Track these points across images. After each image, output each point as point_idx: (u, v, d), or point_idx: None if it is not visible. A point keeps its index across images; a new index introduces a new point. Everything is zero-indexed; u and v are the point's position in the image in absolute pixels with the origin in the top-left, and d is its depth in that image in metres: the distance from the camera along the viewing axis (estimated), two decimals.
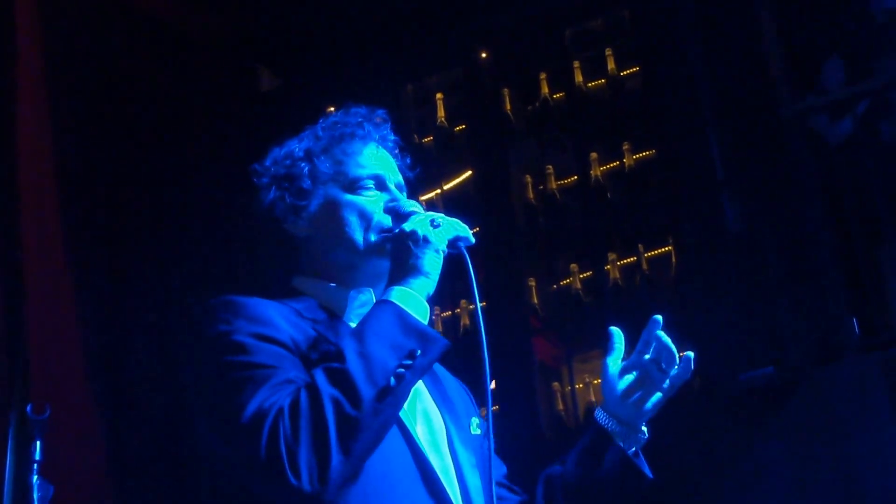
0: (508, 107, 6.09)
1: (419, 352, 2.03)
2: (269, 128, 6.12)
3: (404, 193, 2.39)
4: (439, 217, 2.25)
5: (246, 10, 6.15)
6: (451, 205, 5.98)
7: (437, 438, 2.23)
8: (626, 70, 5.96)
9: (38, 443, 3.24)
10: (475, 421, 2.36)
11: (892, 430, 4.80)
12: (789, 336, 5.04)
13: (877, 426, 4.85)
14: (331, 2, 6.09)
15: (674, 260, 5.63)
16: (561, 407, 5.71)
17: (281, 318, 2.13)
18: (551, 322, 5.88)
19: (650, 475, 2.35)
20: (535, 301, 5.86)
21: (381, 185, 2.36)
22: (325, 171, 2.36)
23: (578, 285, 5.80)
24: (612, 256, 5.74)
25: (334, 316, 2.26)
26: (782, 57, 5.67)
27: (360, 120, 2.42)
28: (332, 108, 7.12)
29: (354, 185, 2.34)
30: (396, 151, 2.45)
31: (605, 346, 2.35)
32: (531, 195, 6.00)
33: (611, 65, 5.94)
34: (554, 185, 5.97)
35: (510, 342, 5.53)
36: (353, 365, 1.97)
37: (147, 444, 5.19)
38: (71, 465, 4.44)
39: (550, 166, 5.99)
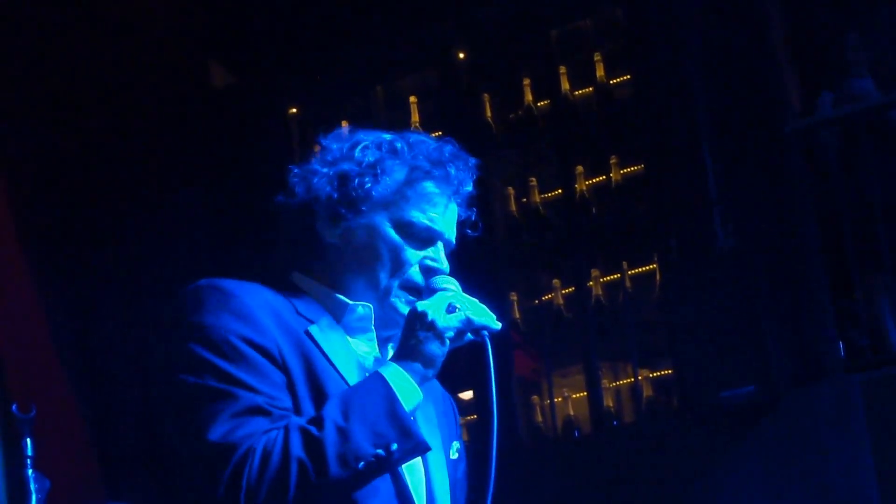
0: (489, 114, 5.88)
1: (395, 446, 2.01)
2: (222, 126, 5.94)
3: (449, 253, 2.27)
4: (461, 300, 2.18)
5: (199, 2, 5.91)
6: None
7: (415, 460, 2.17)
8: (616, 78, 5.77)
9: (28, 440, 3.31)
10: (455, 445, 2.32)
11: (869, 452, 4.80)
12: (773, 356, 5.01)
13: (854, 448, 4.86)
14: None
15: (658, 278, 5.58)
16: (540, 419, 5.69)
17: (270, 317, 2.08)
18: (531, 336, 5.82)
19: None
20: (517, 315, 5.80)
21: (429, 241, 2.23)
22: (386, 193, 2.20)
23: (560, 301, 5.75)
24: (595, 273, 5.70)
25: (333, 321, 2.19)
26: (790, 67, 5.55)
27: (448, 160, 2.23)
28: (295, 110, 6.78)
29: (405, 229, 2.20)
30: (465, 207, 2.28)
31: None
32: (514, 208, 5.89)
33: (600, 71, 5.75)
34: (537, 199, 5.86)
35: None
36: (330, 439, 1.98)
37: (130, 431, 5.28)
38: (60, 458, 4.49)
39: (534, 178, 5.87)
